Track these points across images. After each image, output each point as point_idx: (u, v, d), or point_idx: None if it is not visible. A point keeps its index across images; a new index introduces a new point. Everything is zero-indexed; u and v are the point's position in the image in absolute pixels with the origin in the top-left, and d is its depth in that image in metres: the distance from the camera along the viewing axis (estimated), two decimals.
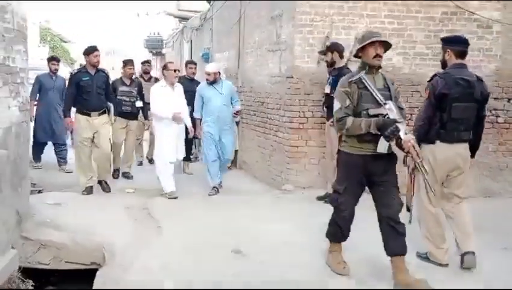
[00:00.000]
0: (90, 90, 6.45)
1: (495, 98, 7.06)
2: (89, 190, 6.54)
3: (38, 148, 8.59)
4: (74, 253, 4.65)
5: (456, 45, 4.24)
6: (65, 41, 36.16)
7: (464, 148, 4.25)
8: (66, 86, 7.28)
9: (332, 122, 6.13)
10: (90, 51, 6.48)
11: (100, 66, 6.70)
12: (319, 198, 6.36)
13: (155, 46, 23.41)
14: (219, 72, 6.93)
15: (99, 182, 6.77)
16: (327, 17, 6.71)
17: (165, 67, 6.66)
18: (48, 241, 4.72)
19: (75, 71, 6.75)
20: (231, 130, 7.13)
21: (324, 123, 6.55)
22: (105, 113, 6.60)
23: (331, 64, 6.23)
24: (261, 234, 5.04)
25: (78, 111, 6.55)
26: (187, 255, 4.43)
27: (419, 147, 3.89)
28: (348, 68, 6.34)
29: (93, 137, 6.50)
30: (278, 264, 4.26)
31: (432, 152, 4.19)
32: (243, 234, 5.01)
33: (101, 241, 4.71)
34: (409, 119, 5.90)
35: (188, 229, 5.19)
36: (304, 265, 4.23)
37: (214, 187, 6.88)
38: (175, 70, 6.62)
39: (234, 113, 7.09)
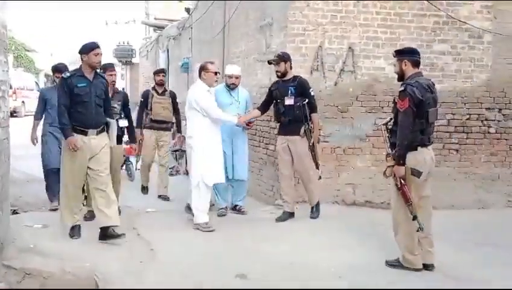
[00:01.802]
0: (88, 101, 4.95)
1: (486, 109, 7.02)
2: (76, 232, 5.11)
3: (52, 179, 6.34)
4: (63, 282, 4.25)
5: (412, 55, 4.39)
6: (29, 50, 35.20)
7: (432, 150, 4.41)
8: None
9: (305, 132, 5.95)
10: (89, 48, 4.95)
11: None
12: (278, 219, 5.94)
13: (125, 56, 22.98)
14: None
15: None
16: (320, 26, 6.52)
17: (204, 69, 5.66)
18: (33, 270, 4.32)
19: (67, 75, 5.06)
20: (244, 147, 6.35)
21: None
22: (104, 131, 5.14)
23: (282, 75, 5.88)
24: (263, 255, 4.78)
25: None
26: (188, 283, 4.09)
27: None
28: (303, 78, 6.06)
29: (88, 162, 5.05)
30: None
31: (416, 159, 4.21)
32: (244, 256, 4.74)
33: (92, 268, 4.35)
34: None
35: (184, 252, 4.86)
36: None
37: (221, 208, 6.25)
38: (216, 73, 5.70)
39: (247, 124, 6.19)
